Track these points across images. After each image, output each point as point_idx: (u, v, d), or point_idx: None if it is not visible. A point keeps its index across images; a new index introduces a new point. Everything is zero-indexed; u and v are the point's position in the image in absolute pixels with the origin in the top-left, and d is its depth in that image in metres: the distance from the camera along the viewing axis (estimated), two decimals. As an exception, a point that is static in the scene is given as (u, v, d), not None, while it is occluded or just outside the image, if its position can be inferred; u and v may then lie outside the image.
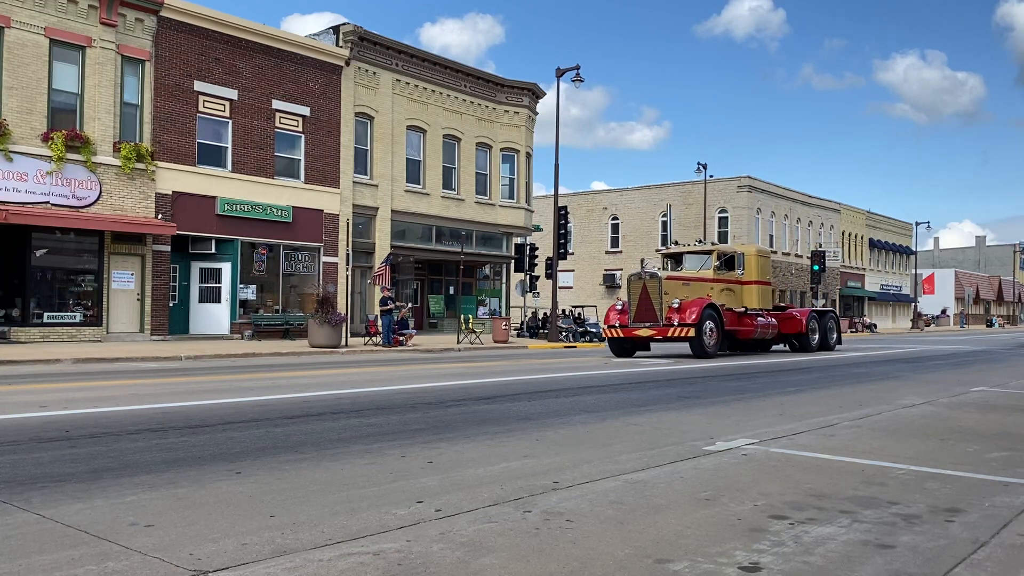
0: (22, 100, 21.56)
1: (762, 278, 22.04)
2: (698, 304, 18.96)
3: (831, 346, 23.82)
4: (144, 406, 8.05)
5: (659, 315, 19.12)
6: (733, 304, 20.87)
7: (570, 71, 29.95)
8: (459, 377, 12.40)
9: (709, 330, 19.05)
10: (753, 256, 21.86)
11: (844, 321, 59.66)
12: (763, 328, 21.56)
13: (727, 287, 20.90)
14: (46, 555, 3.05)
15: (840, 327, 24.64)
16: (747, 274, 21.47)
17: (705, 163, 45.93)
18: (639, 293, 19.57)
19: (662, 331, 18.89)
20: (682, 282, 20.01)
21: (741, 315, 21.01)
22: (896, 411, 8.18)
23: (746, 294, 21.36)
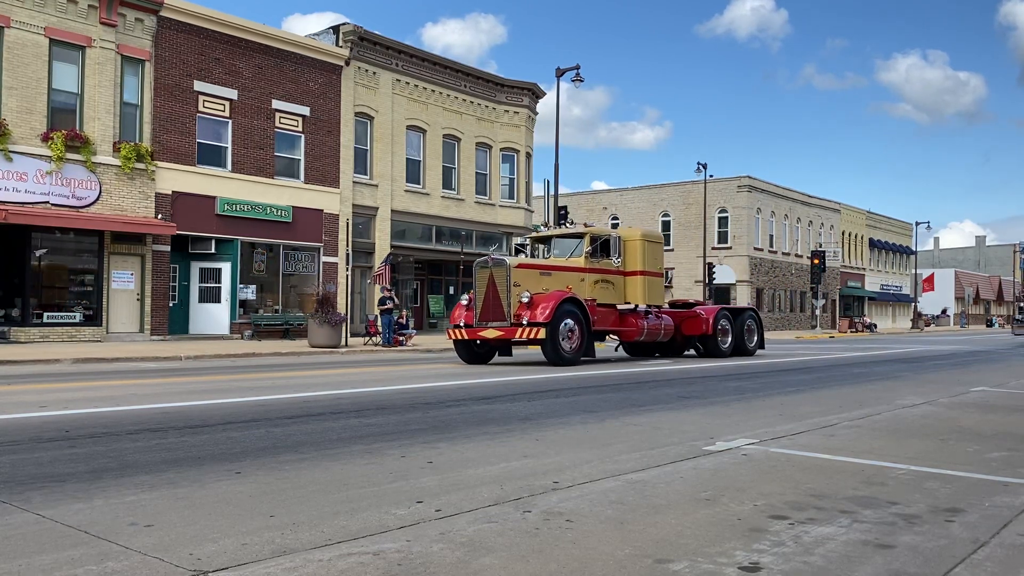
0: (22, 100, 21.56)
1: (650, 268, 18.31)
2: (553, 298, 15.39)
3: (749, 350, 20.16)
4: (144, 406, 8.05)
5: (507, 312, 15.53)
6: (612, 299, 17.56)
7: (570, 71, 29.96)
8: (459, 377, 12.40)
9: (567, 331, 15.45)
10: (637, 242, 18.13)
11: (844, 321, 59.81)
12: (652, 329, 18.16)
13: (604, 279, 17.40)
14: (46, 555, 3.05)
15: (762, 327, 21.10)
16: (629, 263, 17.95)
17: (705, 163, 45.97)
18: (485, 285, 15.96)
19: (509, 332, 15.38)
20: (540, 271, 16.42)
21: (624, 313, 17.87)
22: (896, 411, 8.18)
23: (629, 287, 17.95)
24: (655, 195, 55.49)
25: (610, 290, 17.54)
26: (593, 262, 17.23)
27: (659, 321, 18.45)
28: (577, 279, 16.80)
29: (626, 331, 17.79)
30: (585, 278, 17.00)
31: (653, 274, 18.41)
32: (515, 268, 15.92)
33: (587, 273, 17.10)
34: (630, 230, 18.91)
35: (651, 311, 18.51)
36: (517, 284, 15.67)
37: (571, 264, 17.10)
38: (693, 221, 51.80)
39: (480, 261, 16.51)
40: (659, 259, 18.78)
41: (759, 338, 20.71)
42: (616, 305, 17.71)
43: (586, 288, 16.81)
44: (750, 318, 20.48)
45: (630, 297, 17.95)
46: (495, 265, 16.05)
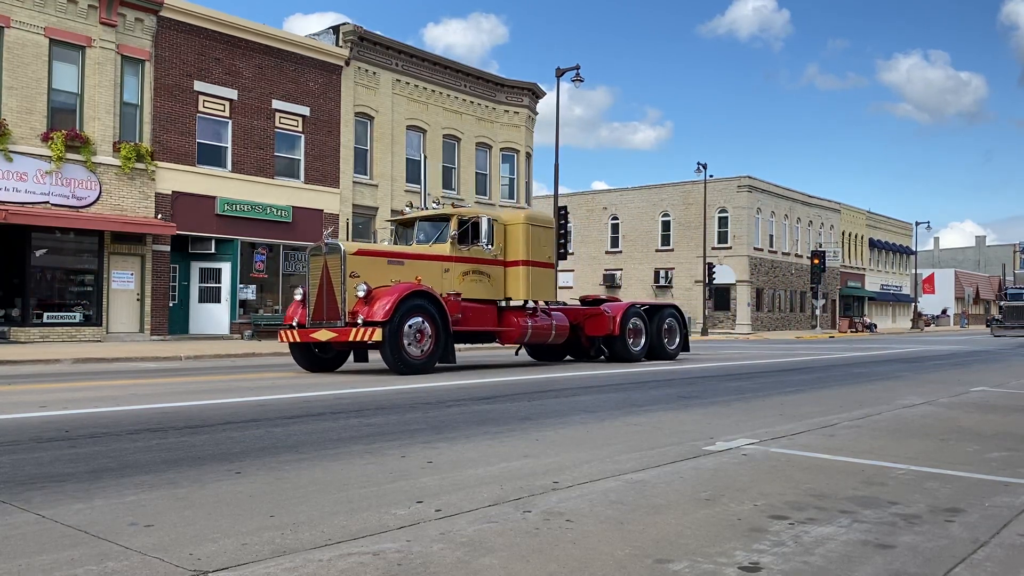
0: (22, 100, 21.56)
1: (536, 257, 15.49)
2: (395, 292, 12.69)
3: (669, 354, 17.84)
4: (144, 406, 8.05)
5: (342, 309, 12.91)
6: (488, 293, 15.00)
7: (570, 71, 29.97)
8: (459, 377, 12.40)
9: (415, 331, 12.81)
10: (519, 226, 15.34)
11: (844, 321, 59.83)
12: (539, 329, 15.58)
13: (477, 270, 14.79)
14: (46, 555, 3.05)
15: (686, 327, 18.79)
16: (511, 251, 15.31)
17: (705, 163, 45.99)
18: (320, 276, 13.30)
19: (343, 333, 12.70)
20: (388, 259, 13.64)
21: (504, 310, 15.31)
22: (896, 411, 8.18)
23: (510, 280, 15.24)
24: (655, 195, 55.49)
25: (485, 283, 14.91)
26: (461, 249, 14.55)
27: (549, 320, 15.91)
28: (439, 269, 14.18)
29: (506, 332, 15.17)
30: (451, 268, 14.36)
31: (540, 264, 15.59)
32: (353, 255, 13.14)
33: (453, 262, 14.44)
34: (512, 212, 16.59)
35: (540, 308, 16.00)
36: (355, 275, 12.95)
37: (433, 252, 14.33)
38: (693, 221, 51.80)
39: (313, 247, 13.83)
40: (548, 247, 16.00)
41: (682, 339, 18.45)
42: (497, 301, 15.21)
43: (451, 280, 14.29)
44: (671, 316, 18.22)
45: (511, 291, 15.28)
46: (329, 252, 13.22)
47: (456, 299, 14.00)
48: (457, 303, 13.97)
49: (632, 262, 55.81)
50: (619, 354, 16.88)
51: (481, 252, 14.88)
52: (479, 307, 14.75)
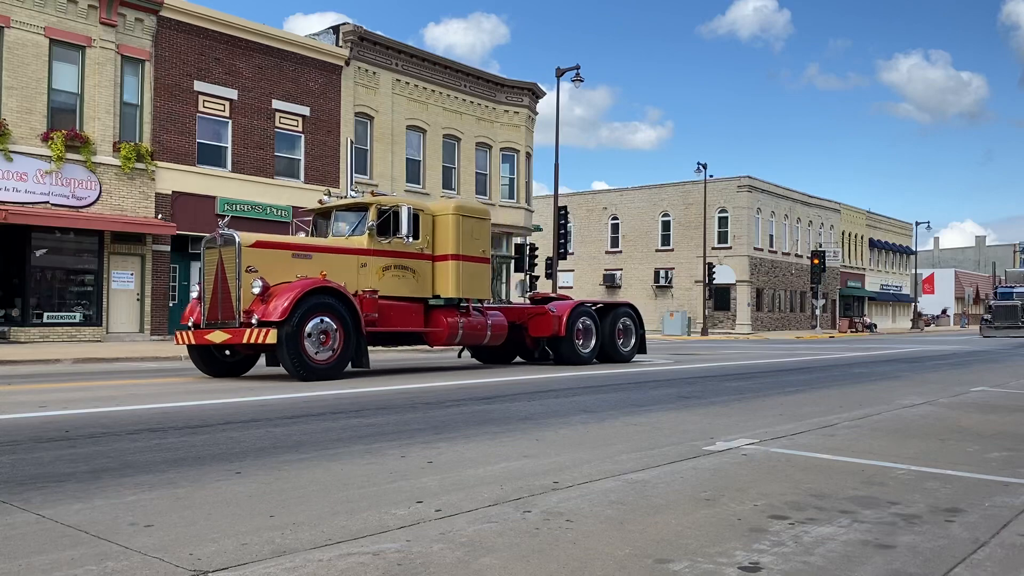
0: (22, 100, 21.57)
1: (469, 251, 14.15)
2: (295, 289, 11.41)
3: (623, 356, 16.70)
4: (144, 406, 8.05)
5: (236, 308, 11.62)
6: (413, 291, 13.67)
7: (570, 71, 29.98)
8: (459, 377, 12.40)
9: (319, 332, 11.54)
10: (449, 216, 14.05)
11: (844, 321, 59.86)
12: (471, 329, 14.29)
13: (400, 264, 13.47)
14: (45, 555, 3.05)
15: (642, 327, 17.44)
16: (439, 245, 14.00)
17: (705, 163, 46.00)
18: (215, 272, 12.01)
19: (238, 334, 11.45)
20: (293, 252, 12.34)
21: (432, 309, 14.00)
22: (896, 411, 8.18)
23: (439, 276, 13.94)
24: (655, 195, 55.49)
25: (409, 279, 13.57)
26: (381, 242, 13.22)
27: (484, 319, 14.55)
28: (355, 264, 12.89)
29: (434, 333, 13.90)
30: (368, 263, 13.03)
31: (473, 259, 14.23)
32: (250, 248, 11.82)
33: (372, 256, 13.11)
34: (441, 202, 15.19)
35: (474, 307, 14.59)
36: (252, 269, 11.69)
37: (347, 244, 13.10)
38: (693, 221, 51.80)
39: (208, 239, 12.47)
40: (483, 240, 14.57)
41: (638, 341, 17.22)
42: (425, 299, 13.90)
43: (369, 276, 12.96)
44: (625, 316, 17.00)
45: (440, 288, 13.96)
46: (224, 244, 11.95)
47: (372, 297, 12.67)
48: (373, 301, 12.65)
49: (632, 262, 55.81)
50: (566, 356, 15.68)
51: (405, 245, 13.47)
52: (402, 305, 13.42)
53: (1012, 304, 45.90)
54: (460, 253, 14.04)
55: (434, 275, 14.00)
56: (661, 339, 38.36)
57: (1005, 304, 46.31)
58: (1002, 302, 47.11)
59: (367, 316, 12.43)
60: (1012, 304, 45.90)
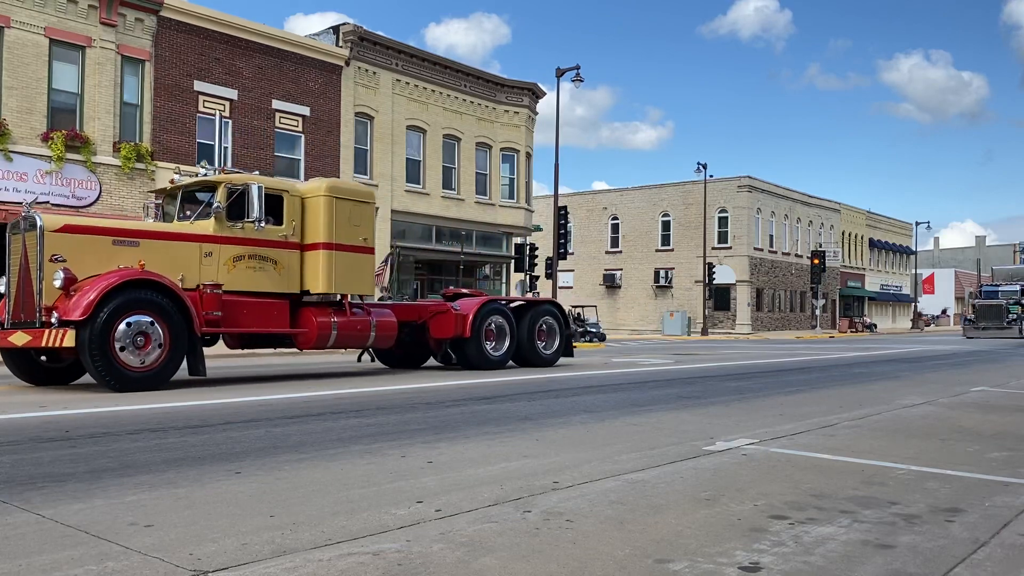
0: (22, 100, 21.57)
1: (346, 240, 12.30)
2: (103, 282, 9.70)
3: (544, 359, 15.07)
4: (144, 406, 8.06)
5: (37, 304, 9.88)
6: (274, 285, 11.80)
7: (570, 71, 29.99)
8: (458, 377, 12.40)
9: (135, 335, 9.75)
10: (320, 199, 12.17)
11: (844, 321, 59.86)
12: (349, 330, 12.38)
13: (257, 254, 11.59)
14: (46, 555, 3.05)
15: (568, 327, 15.95)
16: (310, 231, 12.16)
17: (705, 163, 46.01)
18: (19, 262, 10.30)
19: (37, 336, 9.68)
20: (114, 238, 10.48)
21: (303, 306, 12.19)
22: (896, 411, 8.18)
23: (309, 268, 12.12)
24: (655, 195, 55.50)
25: (270, 272, 11.75)
26: (233, 228, 11.34)
27: (367, 318, 12.67)
28: (197, 253, 11.05)
29: (300, 334, 12.04)
30: (215, 252, 11.18)
31: (351, 248, 12.39)
32: (55, 232, 9.99)
33: (221, 244, 11.24)
34: (312, 182, 12.89)
35: (356, 304, 12.81)
36: (59, 258, 9.90)
37: (190, 230, 11.23)
38: (693, 221, 51.80)
39: (12, 223, 10.64)
40: (364, 226, 12.71)
41: (563, 342, 15.62)
42: (295, 295, 12.10)
43: (215, 267, 11.15)
44: (547, 315, 15.38)
45: (309, 282, 12.13)
46: (28, 228, 10.14)
47: (215, 292, 10.84)
48: (216, 297, 10.83)
49: (632, 262, 55.82)
50: (472, 359, 13.93)
51: (265, 232, 11.60)
52: (260, 303, 11.55)
53: (997, 303, 43.64)
54: (334, 241, 12.17)
55: (303, 267, 12.14)
56: (661, 339, 38.37)
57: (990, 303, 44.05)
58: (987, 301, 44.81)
59: (207, 315, 10.68)
60: (997, 303, 43.64)
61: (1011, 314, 42.82)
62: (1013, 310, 43.28)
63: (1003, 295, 45.32)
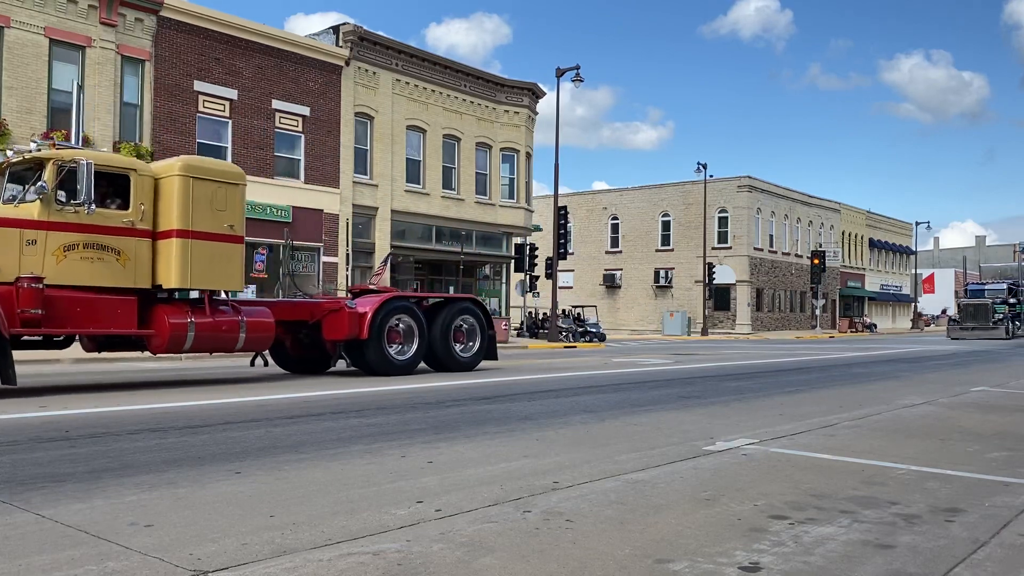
0: (22, 100, 21.57)
1: (206, 227, 10.64)
2: None
3: (462, 363, 13.40)
4: (144, 406, 8.06)
5: None
6: (117, 279, 10.20)
7: (570, 71, 29.99)
8: (458, 377, 12.39)
9: None
10: (175, 179, 10.47)
11: (844, 321, 59.85)
12: (214, 331, 10.78)
13: (95, 243, 10.02)
14: (46, 555, 3.05)
15: (491, 328, 14.10)
16: (163, 218, 10.49)
17: (705, 163, 46.00)
18: None
19: None
20: None
21: (156, 303, 10.61)
22: (896, 411, 8.18)
23: (161, 259, 10.48)
24: (655, 195, 55.48)
25: (112, 263, 10.15)
26: (64, 212, 9.78)
27: (234, 317, 11.03)
28: (17, 241, 9.55)
29: (150, 336, 10.40)
30: (41, 240, 9.69)
31: (214, 236, 10.72)
32: None
33: (48, 231, 9.73)
34: (165, 161, 11.22)
35: (221, 301, 11.26)
36: None
37: (10, 215, 9.74)
38: (693, 221, 51.79)
39: None
40: (232, 212, 10.97)
41: (484, 344, 13.87)
42: (144, 290, 10.48)
43: (41, 258, 9.64)
44: (467, 313, 13.69)
45: (161, 276, 10.49)
46: None
47: (34, 287, 9.30)
48: (35, 292, 9.30)
49: (632, 262, 55.80)
50: (372, 364, 12.18)
51: (104, 217, 10.03)
52: (98, 299, 10.01)
53: (983, 303, 41.80)
54: (190, 228, 10.45)
55: (155, 258, 10.51)
56: (661, 339, 38.38)
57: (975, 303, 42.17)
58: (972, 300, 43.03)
59: (24, 312, 9.20)
60: (983, 303, 41.80)
61: (997, 314, 41.27)
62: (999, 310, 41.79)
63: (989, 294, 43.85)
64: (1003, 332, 39.89)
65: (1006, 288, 44.40)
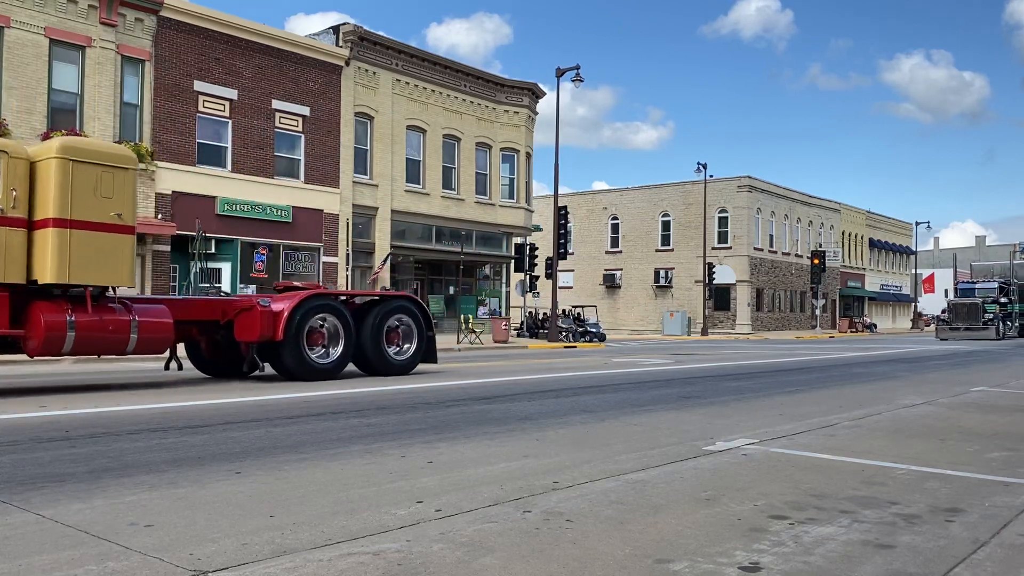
0: (22, 100, 21.57)
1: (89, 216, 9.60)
2: None
3: (395, 366, 12.24)
4: (144, 406, 8.06)
5: None
6: None
7: (570, 71, 29.99)
8: (458, 377, 12.38)
9: None
10: (52, 161, 9.43)
11: (844, 321, 59.85)
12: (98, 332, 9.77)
13: None
14: (46, 555, 3.05)
15: (430, 328, 12.91)
16: (38, 205, 9.50)
17: (705, 163, 46.00)
18: None
19: None
20: None
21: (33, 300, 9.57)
22: (896, 411, 8.18)
23: (37, 250, 9.47)
24: (655, 195, 55.48)
25: None
26: None
27: (124, 316, 10.00)
28: None
29: (26, 337, 9.49)
30: None
31: (97, 227, 9.72)
32: None
33: None
34: (41, 144, 10.12)
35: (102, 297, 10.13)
36: None
37: None
38: (693, 221, 51.78)
39: None
40: (120, 199, 9.91)
41: (421, 345, 12.68)
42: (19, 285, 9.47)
43: None
44: (402, 312, 12.49)
45: (37, 269, 9.49)
46: None
47: None
48: None
49: (632, 262, 55.79)
50: (290, 368, 11.14)
51: None
52: None
53: (973, 302, 40.67)
54: (69, 217, 9.46)
55: (31, 250, 9.52)
56: (661, 339, 38.38)
57: (965, 302, 41.06)
58: (962, 299, 41.86)
59: None
60: (973, 302, 40.67)
61: (988, 313, 40.11)
62: (990, 309, 40.51)
63: (980, 293, 42.51)
64: (993, 332, 39.07)
65: (997, 287, 43.17)
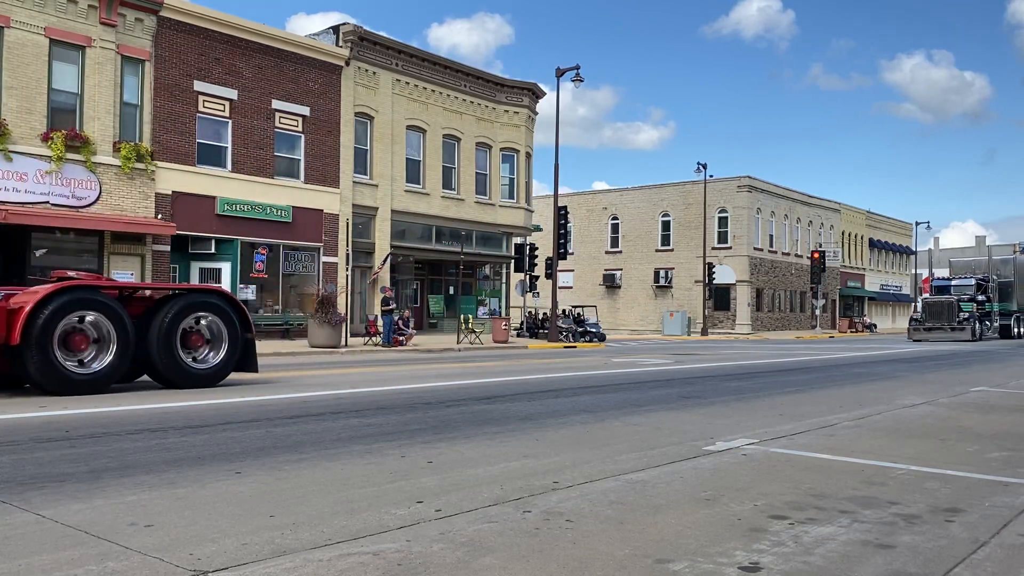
0: (22, 100, 21.57)
1: None
2: None
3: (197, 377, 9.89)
4: (144, 406, 8.05)
5: None
6: None
7: (570, 71, 29.99)
8: (458, 377, 12.38)
9: None
10: None
11: (844, 321, 59.84)
12: None
13: None
14: (46, 555, 3.05)
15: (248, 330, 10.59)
16: None
17: (705, 163, 45.99)
18: None
19: None
20: None
21: None
22: (896, 411, 8.18)
23: None
24: (655, 195, 55.47)
25: None
26: None
27: None
28: None
29: None
30: None
31: None
32: None
33: None
34: None
35: None
36: None
37: None
38: (693, 221, 51.77)
39: None
40: None
41: (233, 351, 10.31)
42: None
43: None
44: (205, 310, 10.16)
45: None
46: None
47: None
48: None
49: (632, 262, 55.78)
50: (34, 378, 8.78)
51: None
52: None
53: (948, 300, 37.62)
54: None
55: None
56: (661, 339, 38.38)
57: (939, 300, 38.05)
58: (936, 297, 38.93)
59: None
60: (948, 300, 37.62)
61: (963, 312, 37.04)
62: (966, 308, 37.39)
63: (955, 291, 39.37)
64: (969, 333, 36.06)
65: (974, 284, 39.93)
